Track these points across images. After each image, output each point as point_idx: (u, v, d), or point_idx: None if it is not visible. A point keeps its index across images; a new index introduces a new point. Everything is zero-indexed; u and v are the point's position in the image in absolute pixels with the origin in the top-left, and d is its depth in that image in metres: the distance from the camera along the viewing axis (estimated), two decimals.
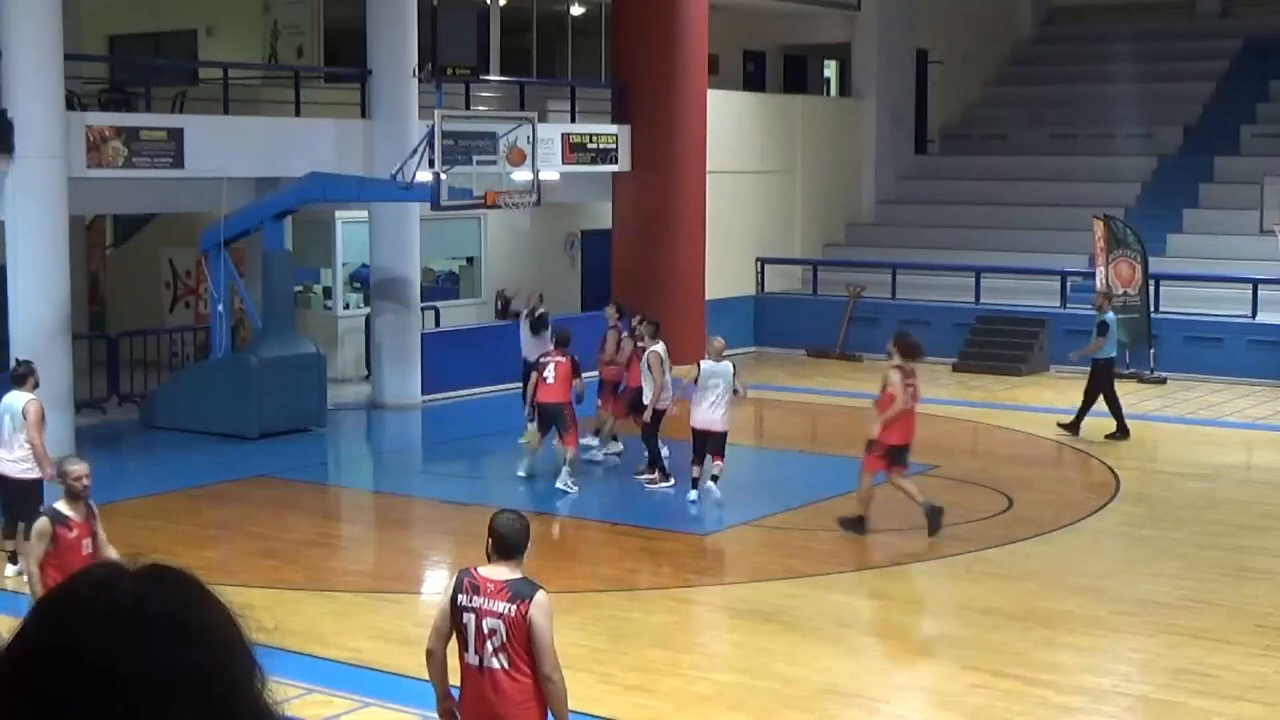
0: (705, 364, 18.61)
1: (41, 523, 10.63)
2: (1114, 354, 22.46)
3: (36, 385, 14.81)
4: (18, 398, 14.58)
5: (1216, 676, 12.10)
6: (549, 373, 19.32)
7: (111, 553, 10.39)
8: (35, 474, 14.39)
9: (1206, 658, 12.55)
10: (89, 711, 1.81)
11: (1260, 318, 27.92)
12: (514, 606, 7.78)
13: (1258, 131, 34.19)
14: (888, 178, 36.14)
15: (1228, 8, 39.83)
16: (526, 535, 8.07)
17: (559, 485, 18.81)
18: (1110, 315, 22.46)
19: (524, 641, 7.79)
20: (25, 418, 14.42)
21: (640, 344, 20.10)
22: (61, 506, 10.75)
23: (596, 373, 21.59)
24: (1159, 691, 11.94)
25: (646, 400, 19.33)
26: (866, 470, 16.71)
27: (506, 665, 7.82)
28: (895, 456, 16.65)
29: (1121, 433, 21.80)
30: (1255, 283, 28.11)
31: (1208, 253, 30.29)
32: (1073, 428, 22.08)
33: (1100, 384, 22.00)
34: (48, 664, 1.84)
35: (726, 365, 18.59)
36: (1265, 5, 38.40)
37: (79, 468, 10.85)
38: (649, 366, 19.45)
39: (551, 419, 19.26)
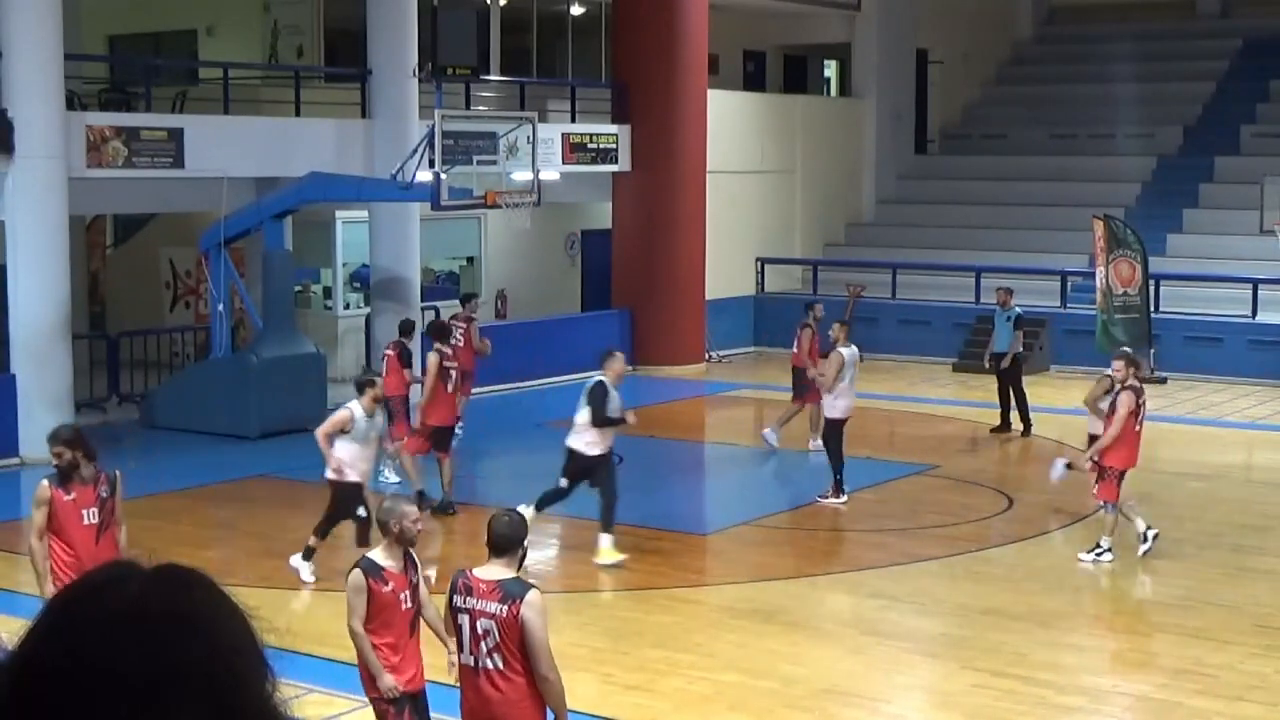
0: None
1: (355, 577, 8.99)
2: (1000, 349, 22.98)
3: (374, 398, 14.74)
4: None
5: (1216, 676, 12.10)
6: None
7: (431, 612, 9.02)
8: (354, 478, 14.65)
9: (1206, 657, 12.54)
10: (90, 710, 1.81)
11: (1260, 318, 27.92)
12: (506, 607, 7.79)
13: (1258, 131, 34.19)
14: (888, 178, 36.14)
15: (1228, 8, 39.84)
16: (518, 534, 8.08)
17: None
18: (995, 309, 23.33)
19: (517, 641, 7.80)
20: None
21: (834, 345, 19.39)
22: (379, 556, 8.99)
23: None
24: (1159, 691, 11.94)
25: (829, 412, 18.57)
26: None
27: (501, 665, 7.83)
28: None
29: (1004, 426, 22.66)
30: (1255, 283, 28.11)
31: (1208, 253, 30.29)
32: (1003, 429, 22.70)
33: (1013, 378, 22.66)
34: (52, 662, 1.84)
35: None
36: (1265, 5, 38.38)
37: (412, 509, 9.06)
38: (827, 365, 18.93)
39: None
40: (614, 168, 28.78)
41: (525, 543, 8.19)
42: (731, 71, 35.79)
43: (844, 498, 18.15)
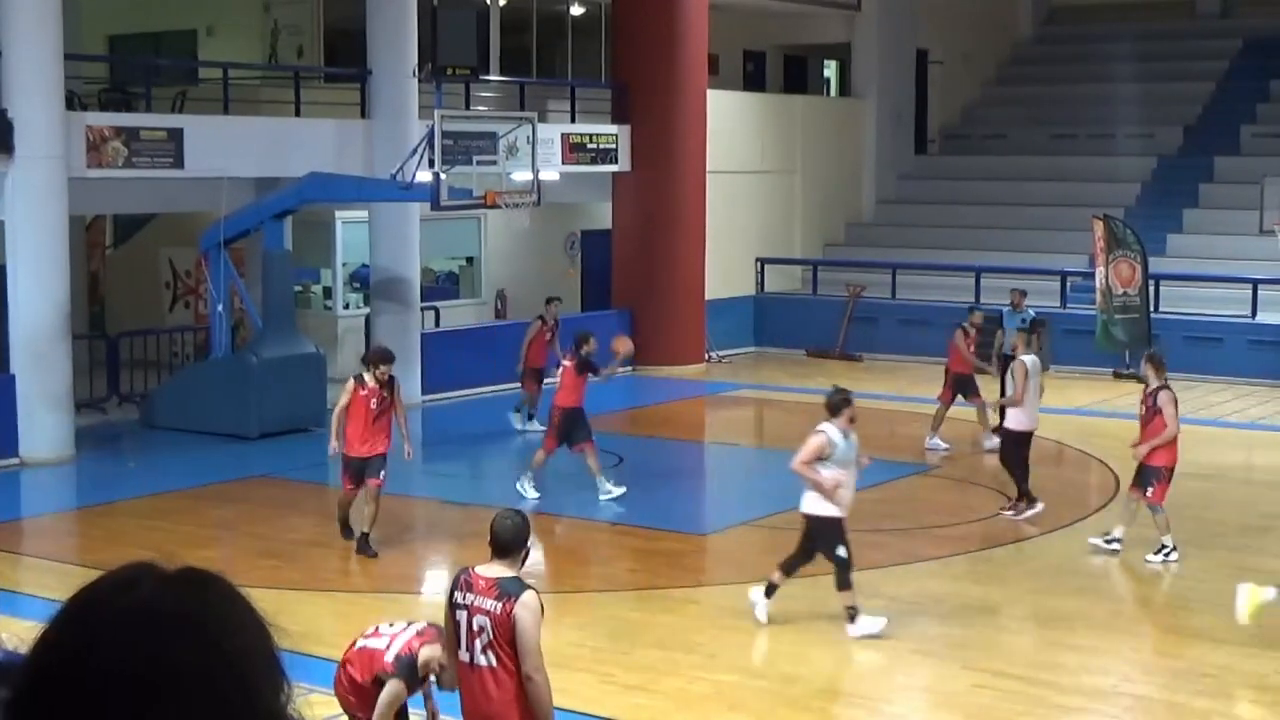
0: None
1: None
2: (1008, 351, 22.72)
3: (850, 418, 13.58)
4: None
5: (1217, 676, 12.10)
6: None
7: None
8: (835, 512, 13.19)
9: (1207, 658, 12.54)
10: (96, 711, 1.81)
11: (1260, 318, 27.92)
12: (500, 604, 7.80)
13: (1258, 131, 34.19)
14: (888, 178, 36.14)
15: (1228, 8, 39.84)
16: (521, 535, 8.08)
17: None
18: (1004, 310, 23.26)
19: (509, 640, 7.80)
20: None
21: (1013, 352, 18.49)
22: None
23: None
24: (1160, 692, 11.94)
25: (1009, 423, 17.64)
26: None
27: (494, 663, 7.84)
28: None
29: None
30: (1255, 283, 28.11)
31: (1207, 253, 30.29)
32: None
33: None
34: (63, 662, 1.84)
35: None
36: (1265, 5, 38.37)
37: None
38: (1014, 376, 17.75)
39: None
40: (614, 168, 28.77)
41: (529, 544, 8.20)
42: (731, 71, 35.78)
43: (1038, 507, 17.34)
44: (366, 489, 15.66)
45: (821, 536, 13.10)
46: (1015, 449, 17.49)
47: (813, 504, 13.19)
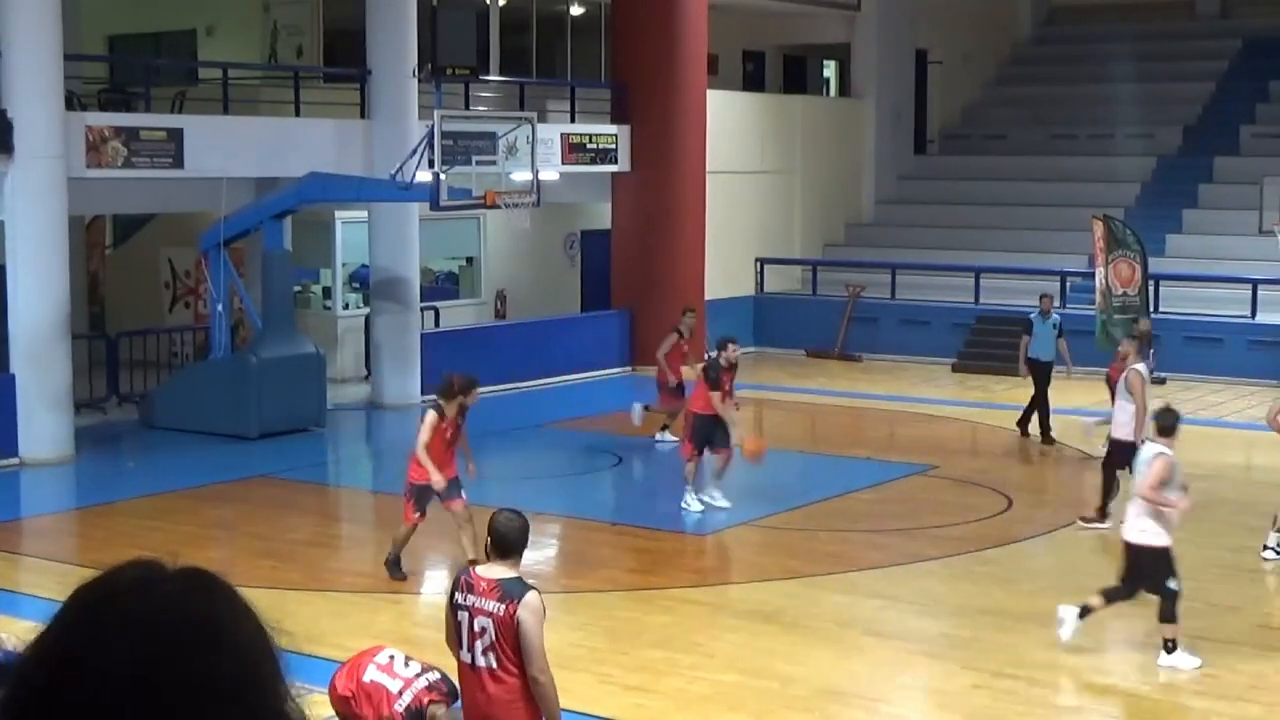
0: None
1: None
2: (1035, 356, 22.44)
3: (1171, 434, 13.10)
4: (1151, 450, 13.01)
5: (1216, 676, 12.10)
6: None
7: None
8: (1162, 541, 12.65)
9: (1206, 658, 12.53)
10: (121, 716, 1.80)
11: (1260, 318, 27.94)
12: (503, 606, 7.80)
13: (1257, 132, 34.21)
14: (887, 178, 36.15)
15: (1227, 8, 39.86)
16: (523, 535, 8.09)
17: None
18: (1032, 315, 22.78)
19: (512, 641, 7.80)
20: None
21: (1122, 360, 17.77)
22: None
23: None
24: (1159, 692, 11.94)
25: (1117, 432, 16.98)
26: None
27: (495, 665, 7.85)
28: None
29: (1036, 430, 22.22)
30: (1255, 283, 28.13)
31: (1207, 253, 30.30)
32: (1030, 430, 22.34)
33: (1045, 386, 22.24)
34: (82, 666, 1.83)
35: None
36: (1265, 5, 38.41)
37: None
38: (1129, 387, 16.90)
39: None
40: (613, 168, 28.77)
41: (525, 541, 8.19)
42: (731, 72, 35.79)
43: (1107, 523, 16.67)
44: (457, 513, 14.82)
45: (1151, 569, 12.48)
46: (1118, 457, 16.69)
47: (1140, 533, 12.53)
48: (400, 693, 8.96)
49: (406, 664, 9.20)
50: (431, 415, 14.82)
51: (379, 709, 8.95)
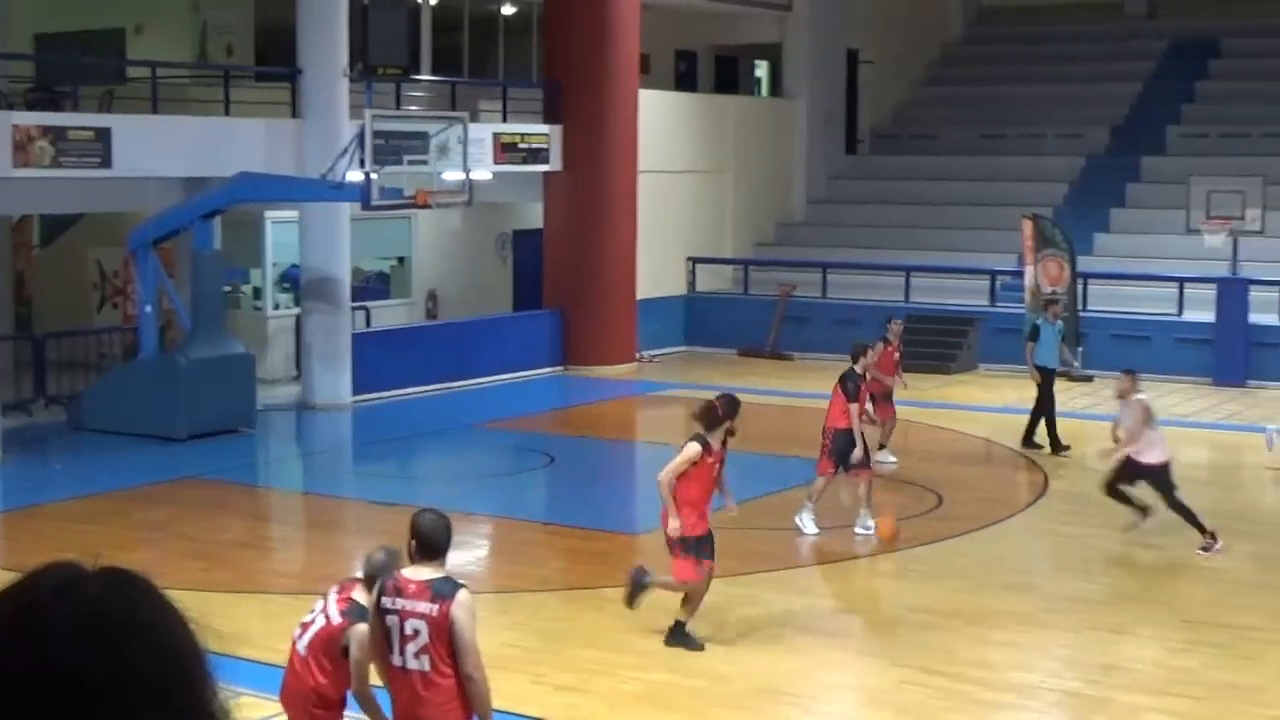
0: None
1: None
2: (1042, 363, 22.00)
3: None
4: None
5: (1144, 671, 12.22)
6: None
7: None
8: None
9: (1134, 653, 12.66)
10: (54, 712, 1.80)
11: (1186, 316, 28.21)
12: (436, 606, 7.78)
13: (1184, 132, 34.53)
14: (818, 177, 36.27)
15: (1154, 9, 40.21)
16: (448, 534, 8.08)
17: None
18: (1039, 320, 22.42)
19: (446, 642, 7.79)
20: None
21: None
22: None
23: None
24: (1087, 687, 12.04)
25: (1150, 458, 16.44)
26: None
27: (429, 666, 7.83)
28: None
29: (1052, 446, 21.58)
30: (1181, 281, 28.42)
31: (1134, 252, 30.58)
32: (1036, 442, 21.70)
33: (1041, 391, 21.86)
34: (9, 669, 1.82)
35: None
36: (1191, 7, 38.79)
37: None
38: (1142, 418, 16.52)
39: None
40: (545, 167, 28.75)
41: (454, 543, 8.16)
42: (663, 71, 35.84)
43: (1218, 545, 16.03)
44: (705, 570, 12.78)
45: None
46: (1168, 483, 16.32)
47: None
48: (327, 614, 8.54)
49: (310, 613, 8.79)
50: (694, 448, 12.34)
51: (334, 644, 8.52)
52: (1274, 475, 20.57)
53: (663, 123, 31.44)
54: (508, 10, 32.47)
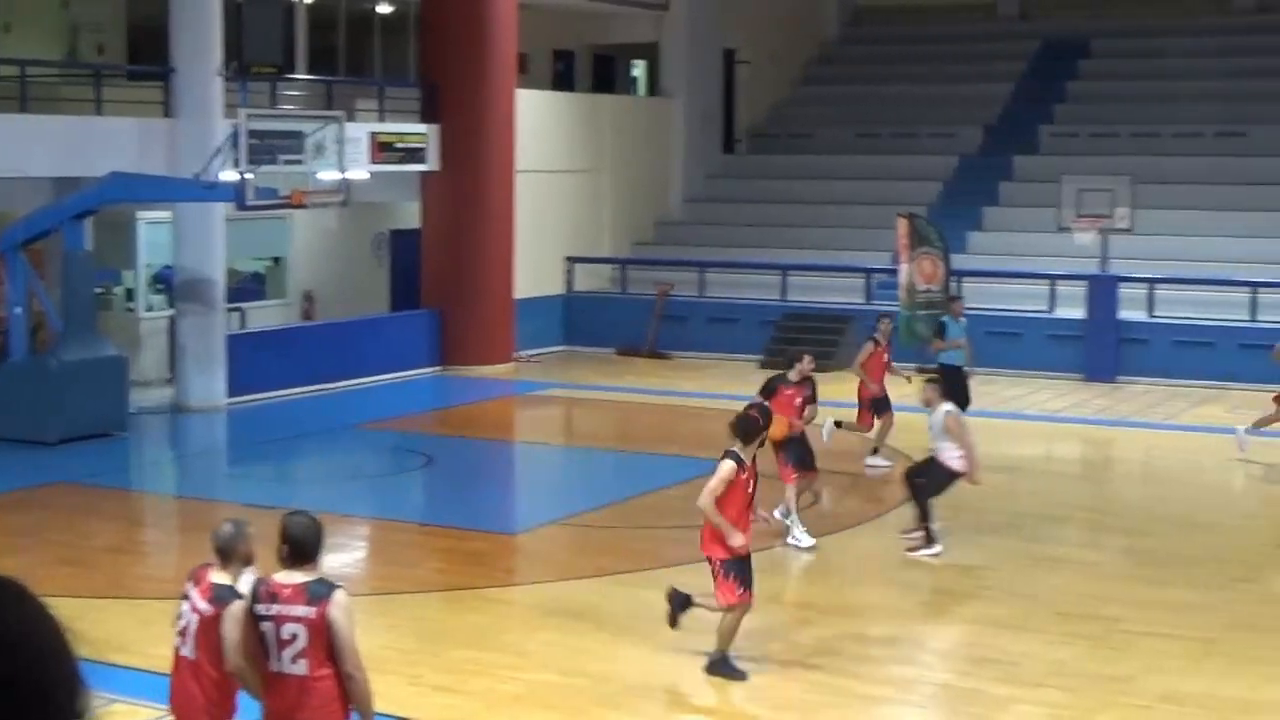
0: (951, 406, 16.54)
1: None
2: (949, 361, 22.08)
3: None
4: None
5: (1017, 664, 12.36)
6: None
7: None
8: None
9: (1008, 646, 12.82)
10: None
11: (1058, 313, 28.61)
12: (313, 609, 7.73)
13: (1055, 131, 35.01)
14: (696, 177, 36.40)
15: (1026, 10, 40.72)
16: (320, 536, 8.02)
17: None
18: (945, 318, 22.64)
19: (325, 643, 7.74)
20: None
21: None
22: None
23: None
24: (962, 680, 12.17)
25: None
26: None
27: (307, 670, 7.77)
28: None
29: None
30: (1053, 278, 28.82)
31: (1007, 249, 30.97)
32: None
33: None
34: None
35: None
36: (1063, 8, 39.35)
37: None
38: (947, 431, 16.19)
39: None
40: (423, 167, 28.63)
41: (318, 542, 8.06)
42: (541, 71, 35.81)
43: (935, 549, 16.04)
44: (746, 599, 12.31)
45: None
46: (938, 486, 16.18)
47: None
48: (196, 609, 8.39)
49: (179, 617, 8.61)
50: (729, 466, 11.94)
51: (215, 637, 8.35)
52: (1228, 467, 20.87)
53: (541, 122, 31.42)
54: (384, 9, 32.30)
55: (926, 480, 16.23)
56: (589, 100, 35.01)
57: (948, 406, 16.30)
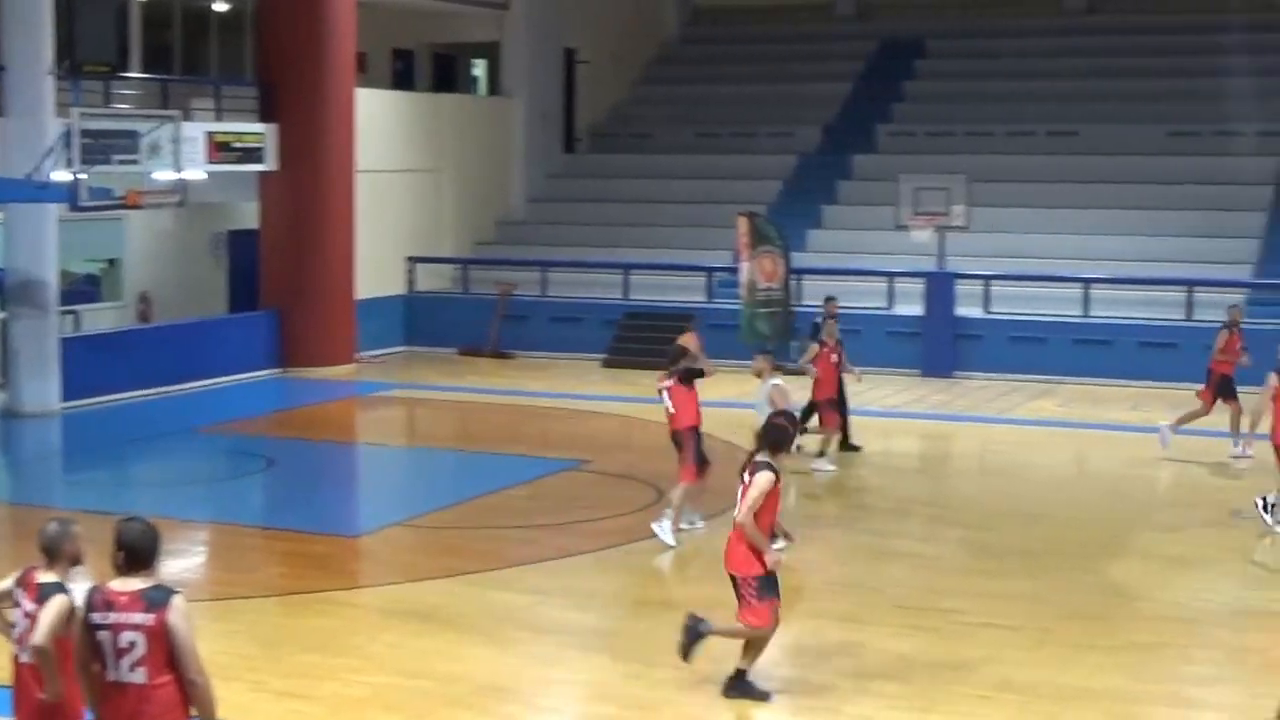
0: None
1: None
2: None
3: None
4: None
5: (859, 657, 12.51)
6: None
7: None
8: None
9: (850, 638, 12.95)
10: None
11: (897, 309, 28.98)
12: (151, 616, 7.61)
13: (893, 130, 35.46)
14: (537, 176, 36.39)
15: (864, 11, 41.17)
16: (155, 541, 7.88)
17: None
18: (818, 319, 22.70)
19: (165, 650, 7.62)
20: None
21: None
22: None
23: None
24: (805, 673, 12.28)
25: None
26: None
27: (146, 678, 7.65)
28: None
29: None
30: (891, 276, 29.18)
31: (846, 247, 31.30)
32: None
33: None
34: None
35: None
36: (900, 8, 39.85)
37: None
38: (770, 402, 16.68)
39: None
40: (261, 167, 28.32)
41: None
42: (380, 70, 35.59)
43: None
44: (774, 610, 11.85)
45: None
46: None
47: None
48: (22, 604, 8.24)
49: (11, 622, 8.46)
50: (768, 478, 11.41)
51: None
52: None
53: (381, 122, 31.23)
54: (220, 7, 31.91)
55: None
56: (429, 99, 34.85)
57: (776, 380, 16.80)
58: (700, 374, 16.69)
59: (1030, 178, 32.57)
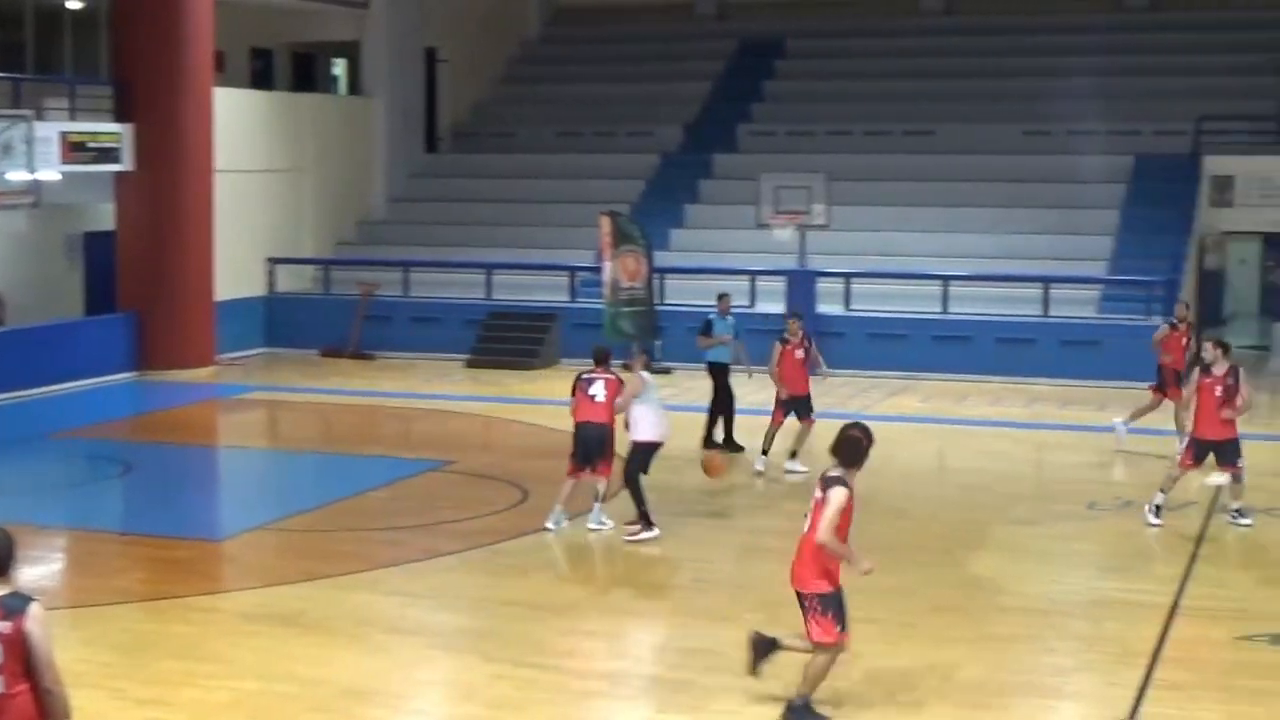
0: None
1: None
2: (716, 359, 22.24)
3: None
4: None
5: (724, 653, 12.53)
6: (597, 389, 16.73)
7: None
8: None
9: (716, 635, 12.99)
10: None
11: (759, 307, 29.13)
12: (9, 623, 7.48)
13: (754, 130, 35.68)
14: (399, 176, 36.21)
15: (724, 11, 41.37)
16: (12, 549, 7.74)
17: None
18: (712, 315, 22.75)
19: (21, 659, 7.49)
20: None
21: None
22: None
23: None
24: (671, 671, 12.31)
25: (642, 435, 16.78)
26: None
27: (3, 687, 7.52)
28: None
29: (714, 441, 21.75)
30: (753, 274, 29.35)
31: (708, 246, 31.47)
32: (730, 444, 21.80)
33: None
34: None
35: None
36: (759, 9, 40.10)
37: None
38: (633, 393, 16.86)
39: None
40: (117, 167, 27.92)
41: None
42: (239, 69, 35.22)
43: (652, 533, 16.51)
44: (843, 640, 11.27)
45: None
46: (641, 460, 16.67)
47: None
48: None
49: None
50: (843, 495, 11.04)
51: None
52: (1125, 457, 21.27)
53: (239, 121, 30.91)
54: (74, 5, 31.42)
55: (630, 464, 16.56)
56: (289, 99, 34.55)
57: (645, 375, 16.80)
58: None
59: (889, 176, 32.93)
